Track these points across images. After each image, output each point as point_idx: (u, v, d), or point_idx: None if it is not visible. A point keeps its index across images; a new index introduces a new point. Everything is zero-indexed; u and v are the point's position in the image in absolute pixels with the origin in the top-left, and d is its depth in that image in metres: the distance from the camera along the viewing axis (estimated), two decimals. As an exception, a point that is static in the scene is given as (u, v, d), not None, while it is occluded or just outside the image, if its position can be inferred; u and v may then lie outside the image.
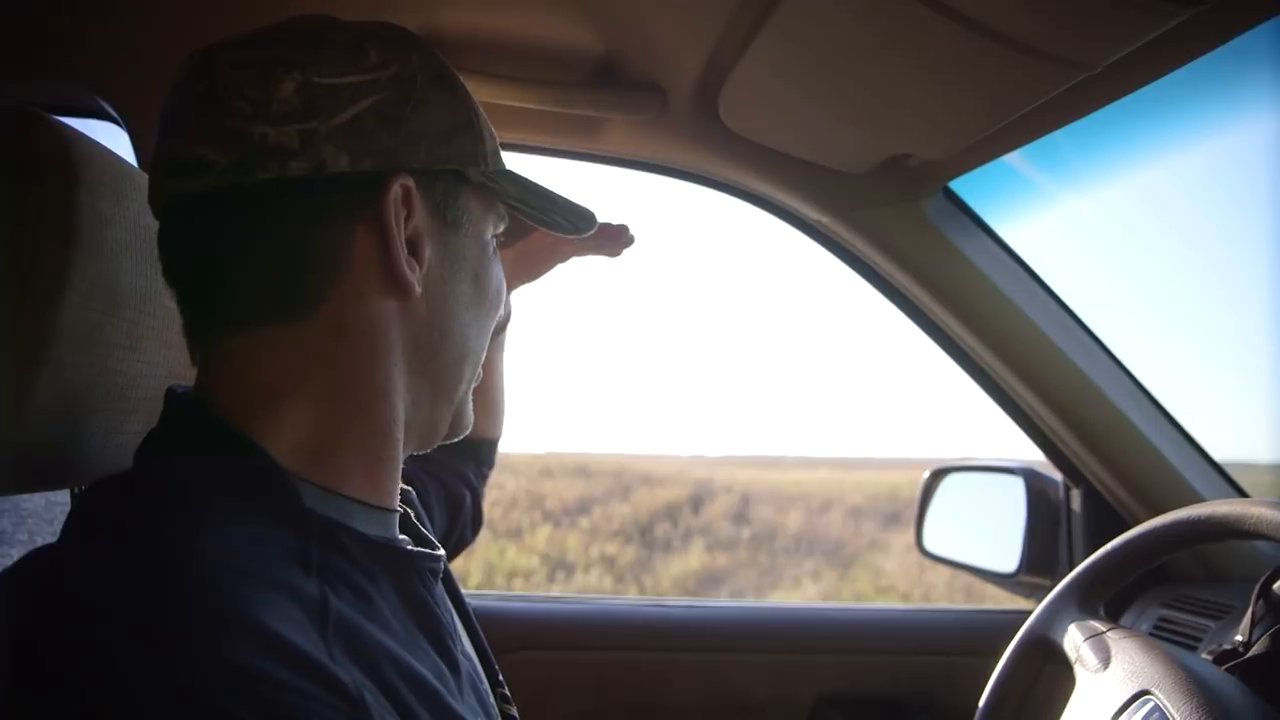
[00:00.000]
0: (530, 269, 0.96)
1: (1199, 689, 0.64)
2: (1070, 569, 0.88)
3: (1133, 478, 1.27)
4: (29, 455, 0.57)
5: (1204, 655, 0.76)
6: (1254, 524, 0.68)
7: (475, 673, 0.63)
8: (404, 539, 0.61)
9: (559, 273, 0.98)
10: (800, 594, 9.33)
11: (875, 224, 1.21)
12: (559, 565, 9.99)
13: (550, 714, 1.27)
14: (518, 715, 0.69)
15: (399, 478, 0.61)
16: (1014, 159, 1.09)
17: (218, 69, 0.54)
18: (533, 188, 0.65)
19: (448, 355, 0.61)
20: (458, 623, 0.67)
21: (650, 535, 10.80)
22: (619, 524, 11.09)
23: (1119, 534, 0.83)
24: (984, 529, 1.55)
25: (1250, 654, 0.73)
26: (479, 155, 0.60)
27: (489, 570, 9.41)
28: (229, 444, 0.53)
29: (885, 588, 9.47)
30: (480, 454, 1.05)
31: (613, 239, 0.94)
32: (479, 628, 0.73)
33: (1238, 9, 0.73)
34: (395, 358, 0.58)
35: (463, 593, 0.73)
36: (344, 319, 0.55)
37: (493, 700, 0.65)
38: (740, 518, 11.54)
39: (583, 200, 0.69)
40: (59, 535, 0.50)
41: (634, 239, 0.94)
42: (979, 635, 1.35)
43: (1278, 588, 0.77)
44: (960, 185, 1.18)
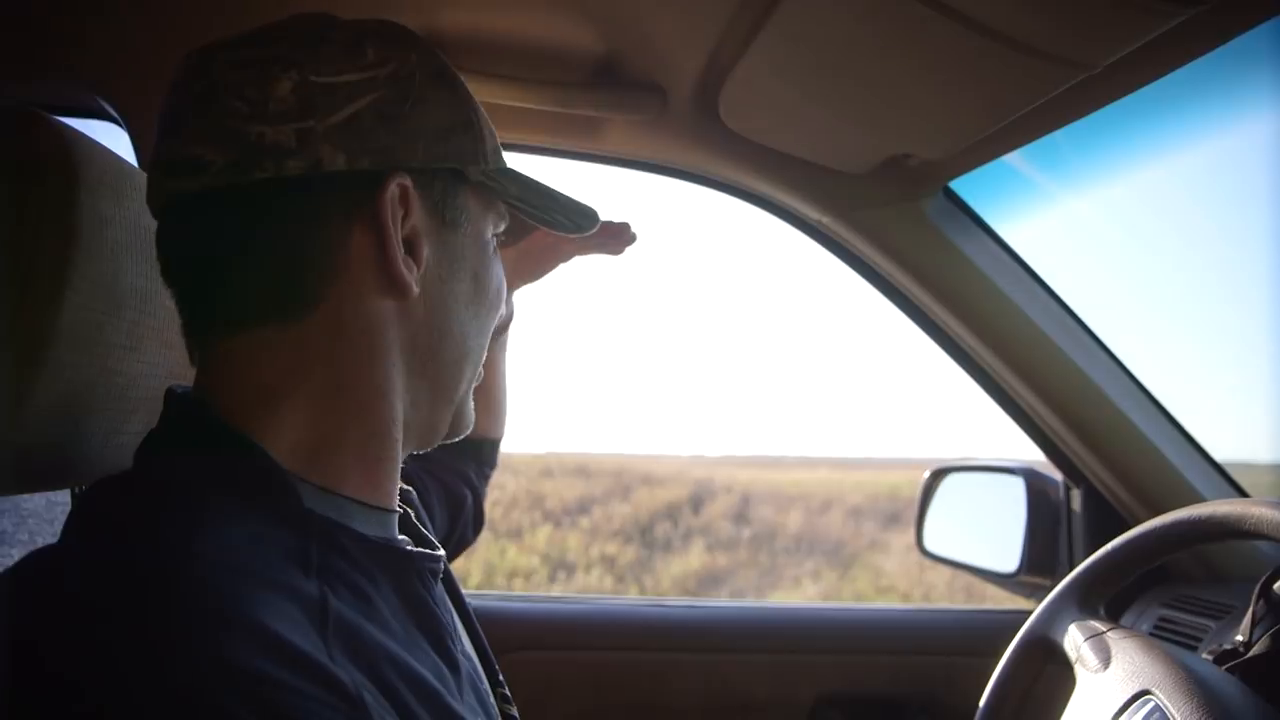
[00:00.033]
0: (532, 268, 0.95)
1: (1199, 689, 0.64)
2: (1070, 569, 0.88)
3: (1133, 478, 1.27)
4: (29, 455, 0.57)
5: (1204, 655, 0.76)
6: (1254, 524, 0.68)
7: (475, 673, 0.63)
8: (404, 539, 0.61)
9: (560, 272, 0.97)
10: (800, 594, 9.33)
11: (875, 224, 1.21)
12: (559, 565, 9.99)
13: (550, 714, 1.27)
14: (518, 715, 0.69)
15: (398, 478, 0.61)
16: (1014, 159, 1.09)
17: (216, 68, 0.54)
18: (534, 186, 0.64)
19: (447, 355, 0.61)
20: (458, 623, 0.67)
21: (650, 535, 10.80)
22: (619, 524, 11.09)
23: (1119, 534, 0.83)
24: (984, 529, 1.55)
25: (1251, 654, 0.73)
26: (478, 154, 0.60)
27: (489, 570, 9.41)
28: (228, 444, 0.53)
29: (885, 588, 9.46)
30: (482, 454, 1.04)
31: (615, 237, 0.93)
32: (479, 628, 0.72)
33: (1238, 9, 0.73)
34: (394, 358, 0.58)
35: (463, 593, 0.73)
36: (342, 319, 0.55)
37: (493, 700, 0.64)
38: (740, 518, 11.54)
39: (584, 199, 0.69)
40: (59, 535, 0.50)
41: (636, 237, 0.93)
42: (979, 635, 1.34)
43: (1278, 588, 0.77)
44: (960, 185, 1.18)
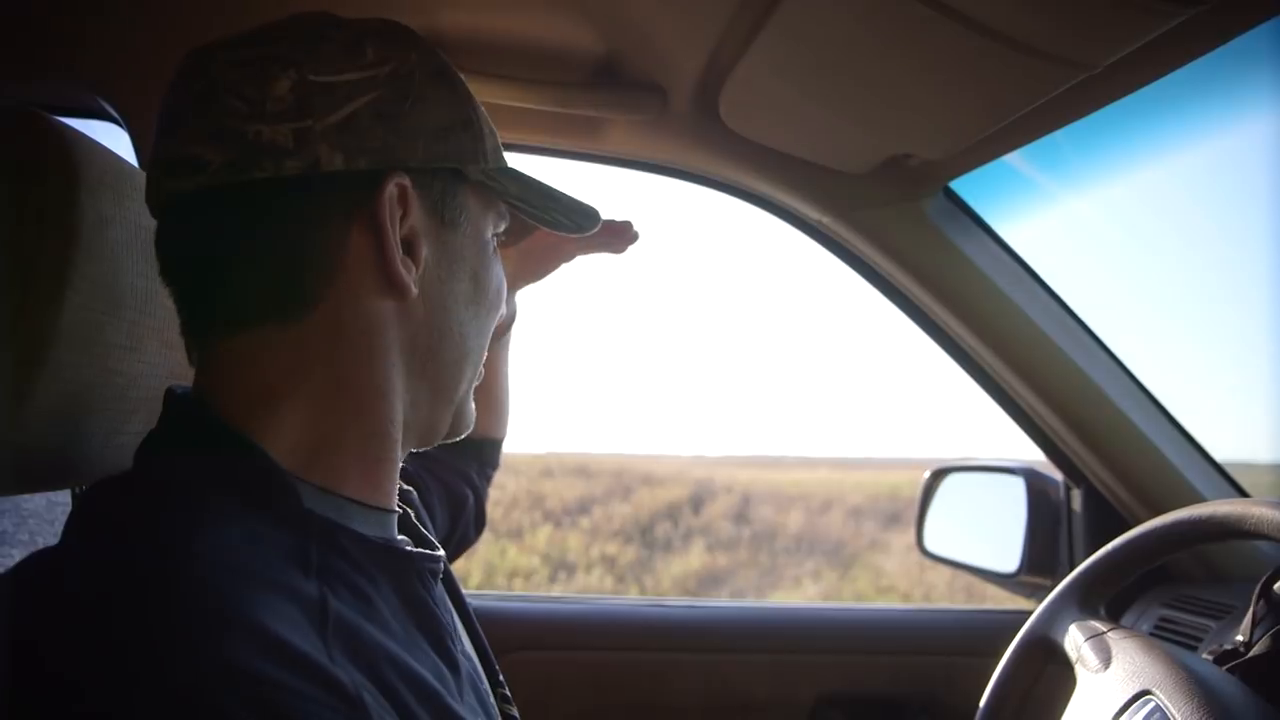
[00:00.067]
0: (535, 268, 0.94)
1: (1200, 689, 0.64)
2: (1071, 569, 0.88)
3: (1133, 478, 1.27)
4: (30, 456, 0.57)
5: (1205, 655, 0.76)
6: (1255, 524, 0.68)
7: (475, 673, 0.63)
8: (403, 539, 0.61)
9: (562, 272, 0.95)
10: (801, 594, 9.33)
11: (875, 224, 1.21)
12: (560, 565, 9.99)
13: (551, 714, 1.27)
14: (518, 715, 0.69)
15: (397, 478, 0.61)
16: (1014, 159, 1.09)
17: (215, 67, 0.54)
18: (535, 185, 0.64)
19: (447, 355, 0.61)
20: (458, 623, 0.67)
21: (651, 535, 10.80)
22: (619, 524, 11.10)
23: (1120, 534, 0.83)
24: (985, 529, 1.55)
25: (1251, 654, 0.73)
26: (478, 153, 0.60)
27: (489, 570, 9.41)
28: (228, 444, 0.53)
29: (886, 588, 9.47)
30: (484, 454, 1.04)
31: (617, 236, 0.91)
32: (479, 628, 0.72)
33: (1238, 9, 0.73)
34: (393, 358, 0.58)
35: (463, 593, 0.73)
36: (341, 319, 0.55)
37: (493, 700, 0.64)
38: (741, 518, 11.54)
39: (585, 199, 0.68)
40: (60, 536, 0.50)
41: (638, 235, 0.92)
42: (979, 635, 1.34)
43: (1278, 588, 0.76)
44: (961, 185, 1.18)
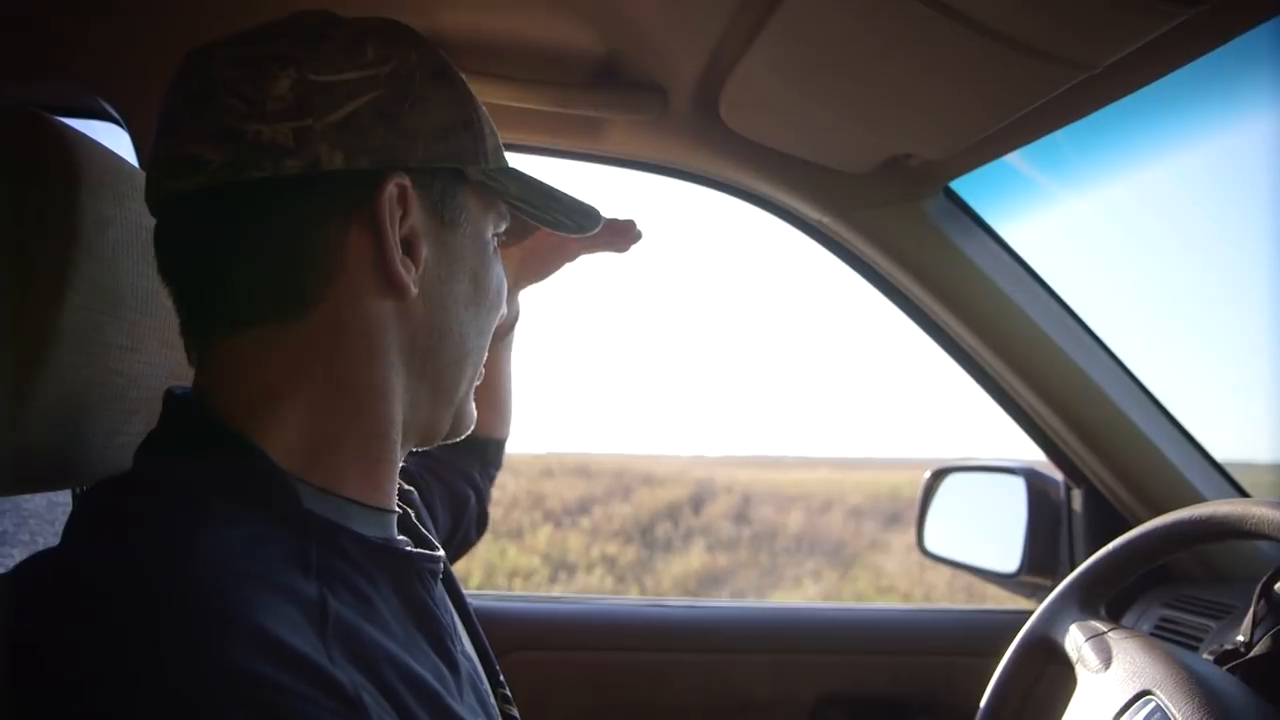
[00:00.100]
0: (538, 268, 0.93)
1: (1200, 689, 0.64)
2: (1071, 569, 0.88)
3: (1134, 477, 1.26)
4: (30, 456, 0.57)
5: (1205, 655, 0.76)
6: (1255, 524, 0.68)
7: (476, 673, 0.63)
8: (403, 540, 0.61)
9: (565, 271, 0.95)
10: (801, 594, 9.33)
11: (876, 224, 1.21)
12: (560, 565, 9.99)
13: (551, 714, 1.27)
14: (518, 715, 0.69)
15: (397, 478, 0.61)
16: (1014, 159, 1.09)
17: (215, 66, 0.54)
18: (535, 186, 0.64)
19: (446, 356, 0.61)
20: (458, 623, 0.66)
21: (651, 535, 10.80)
22: (620, 524, 11.09)
23: (1120, 534, 0.83)
24: (985, 529, 1.55)
25: (1252, 654, 0.73)
26: (479, 153, 0.60)
27: (490, 570, 9.41)
28: (228, 445, 0.53)
29: (886, 588, 9.46)
30: (487, 454, 1.04)
31: (620, 235, 0.90)
32: (480, 628, 0.72)
33: (1238, 9, 0.73)
34: (393, 358, 0.57)
35: (463, 593, 0.73)
36: (341, 319, 0.55)
37: (493, 700, 0.64)
38: (741, 518, 11.54)
39: (587, 198, 0.68)
40: (61, 536, 0.50)
41: (641, 235, 0.91)
42: (980, 635, 1.34)
43: (1279, 588, 0.76)
44: (961, 185, 1.18)
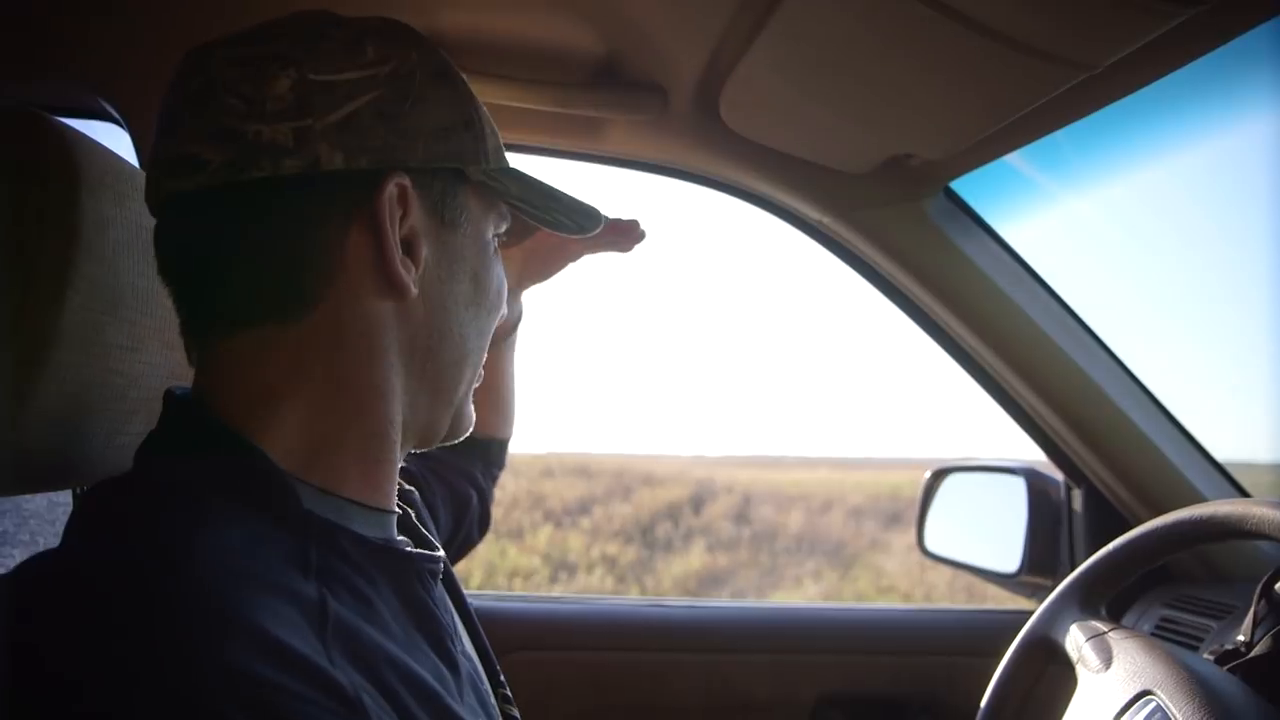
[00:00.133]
0: (541, 268, 0.93)
1: (1201, 689, 0.64)
2: (1072, 569, 0.88)
3: (1134, 477, 1.26)
4: (30, 456, 0.57)
5: (1206, 655, 0.76)
6: (1256, 524, 0.68)
7: (476, 673, 0.63)
8: (403, 540, 0.61)
9: (567, 272, 0.94)
10: (801, 594, 9.32)
11: (876, 224, 1.21)
12: (560, 566, 9.99)
13: (551, 714, 1.27)
14: (518, 715, 0.69)
15: (396, 479, 0.61)
16: (1015, 159, 1.09)
17: (214, 66, 0.54)
18: (536, 186, 0.64)
19: (446, 356, 0.61)
20: (458, 623, 0.66)
21: (651, 535, 10.80)
22: (620, 524, 11.09)
23: (1120, 534, 0.83)
24: (985, 529, 1.55)
25: (1252, 654, 0.73)
26: (479, 153, 0.60)
27: (490, 571, 9.41)
28: (228, 445, 0.53)
29: (886, 588, 9.46)
30: (490, 454, 1.03)
31: (624, 235, 0.90)
32: (480, 628, 0.72)
33: (1238, 9, 0.73)
34: (392, 359, 0.57)
35: (464, 593, 0.73)
36: (341, 319, 0.55)
37: (494, 701, 0.64)
38: (741, 518, 11.53)
39: (588, 199, 0.68)
40: (61, 537, 0.50)
41: (645, 234, 0.90)
42: (981, 635, 1.34)
43: (1279, 588, 0.76)
44: (961, 185, 1.18)
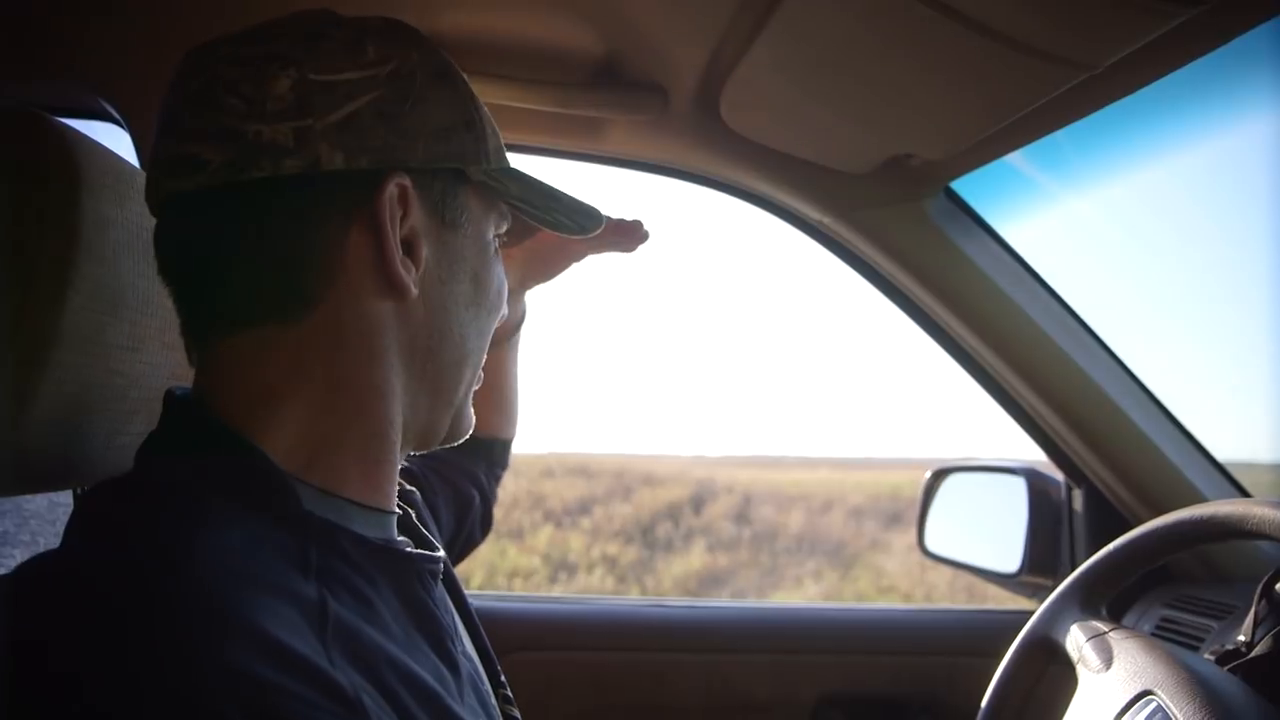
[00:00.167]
0: (544, 269, 0.93)
1: (1201, 689, 0.64)
2: (1072, 569, 0.88)
3: (1134, 477, 1.26)
4: (31, 456, 0.57)
5: (1206, 655, 0.76)
6: (1256, 524, 0.68)
7: (476, 673, 0.63)
8: (403, 540, 0.61)
9: (570, 272, 0.94)
10: (802, 594, 9.32)
11: (876, 224, 1.21)
12: (561, 566, 9.99)
13: (551, 714, 1.27)
14: (519, 716, 0.69)
15: (396, 479, 0.61)
16: (1015, 159, 1.09)
17: (214, 65, 0.54)
18: (537, 186, 0.64)
19: (446, 357, 0.61)
20: (459, 624, 0.66)
21: (652, 535, 10.79)
22: (620, 524, 11.08)
23: (1121, 534, 0.83)
24: (986, 529, 1.55)
25: (1253, 654, 0.73)
26: (480, 153, 0.60)
27: (490, 571, 9.41)
28: (228, 445, 0.53)
29: (887, 588, 9.46)
30: (493, 454, 1.03)
31: (627, 235, 0.90)
32: (481, 628, 0.72)
33: (1238, 9, 0.73)
34: (392, 359, 0.57)
35: (464, 593, 0.73)
36: (340, 319, 0.55)
37: (494, 701, 0.64)
38: (741, 518, 11.53)
39: (589, 199, 0.68)
40: (62, 537, 0.50)
41: (648, 234, 0.90)
42: (981, 635, 1.34)
43: (1280, 588, 0.77)
44: (962, 185, 1.18)
